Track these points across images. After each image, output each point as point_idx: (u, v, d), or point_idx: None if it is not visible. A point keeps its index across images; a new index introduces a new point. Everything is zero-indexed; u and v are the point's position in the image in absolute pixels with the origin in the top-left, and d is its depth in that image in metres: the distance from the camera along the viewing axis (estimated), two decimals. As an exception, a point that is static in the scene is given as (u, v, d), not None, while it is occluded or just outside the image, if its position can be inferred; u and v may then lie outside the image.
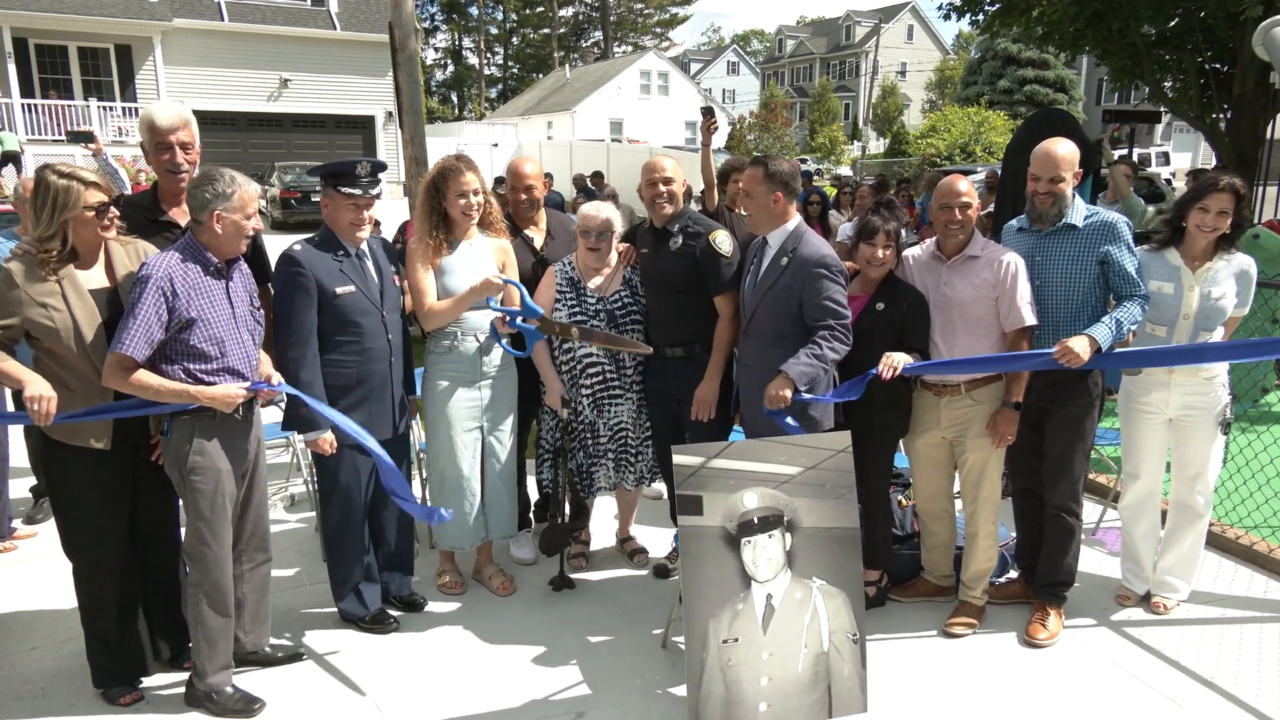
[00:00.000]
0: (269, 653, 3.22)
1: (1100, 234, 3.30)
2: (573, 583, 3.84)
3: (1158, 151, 24.78)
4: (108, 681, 3.00)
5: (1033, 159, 3.36)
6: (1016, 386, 3.31)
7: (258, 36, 22.34)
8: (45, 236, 2.69)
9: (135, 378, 2.68)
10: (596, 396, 3.75)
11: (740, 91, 54.55)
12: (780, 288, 3.24)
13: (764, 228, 3.33)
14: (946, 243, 3.38)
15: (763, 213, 3.30)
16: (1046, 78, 34.48)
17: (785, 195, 3.26)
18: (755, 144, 33.20)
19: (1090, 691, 3.11)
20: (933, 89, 49.97)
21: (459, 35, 59.14)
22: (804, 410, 3.21)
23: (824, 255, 3.21)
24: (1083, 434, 3.38)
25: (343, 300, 3.18)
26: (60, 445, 2.80)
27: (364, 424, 3.15)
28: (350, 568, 3.43)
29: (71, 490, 2.86)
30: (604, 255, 3.69)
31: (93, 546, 2.90)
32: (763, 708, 2.80)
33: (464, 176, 3.45)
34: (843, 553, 2.95)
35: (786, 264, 3.23)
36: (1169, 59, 11.22)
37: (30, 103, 19.56)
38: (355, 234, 3.24)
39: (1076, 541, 3.49)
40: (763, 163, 3.29)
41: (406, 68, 6.48)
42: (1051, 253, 3.36)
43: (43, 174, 2.71)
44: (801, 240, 3.26)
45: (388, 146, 23.73)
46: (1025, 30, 11.99)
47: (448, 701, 3.05)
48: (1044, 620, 3.44)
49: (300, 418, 3.16)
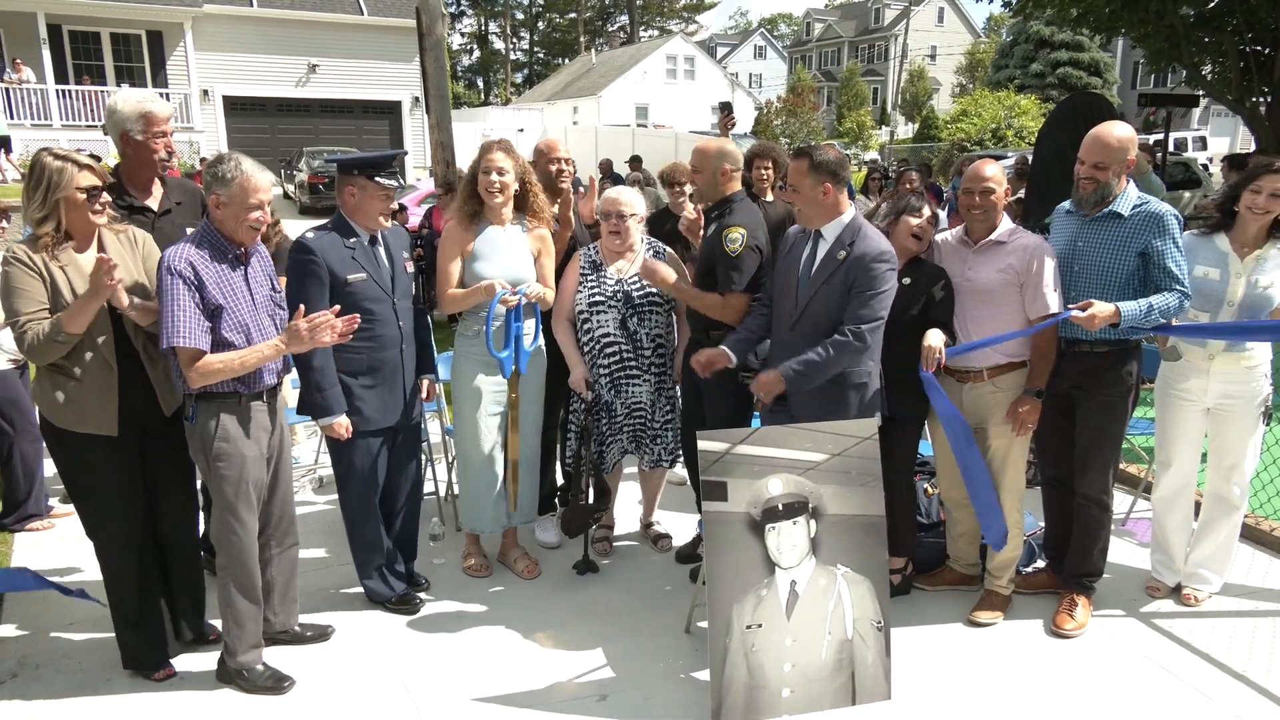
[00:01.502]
0: (298, 631, 3.28)
1: (1145, 225, 3.19)
2: (596, 566, 3.86)
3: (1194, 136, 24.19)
4: (136, 661, 3.06)
5: (1083, 142, 3.26)
6: (1039, 374, 3.26)
7: (286, 22, 22.48)
8: (40, 218, 2.73)
9: (206, 364, 2.70)
10: (614, 376, 3.75)
11: (767, 76, 54.00)
12: (837, 282, 3.12)
13: (816, 221, 3.19)
14: (972, 227, 3.34)
15: (812, 206, 3.16)
16: (1080, 60, 33.78)
17: (835, 185, 3.12)
18: (782, 129, 32.91)
19: (1117, 683, 3.08)
20: (963, 73, 49.18)
21: (485, 20, 59.13)
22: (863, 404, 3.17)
23: (884, 249, 3.09)
24: (1114, 424, 3.32)
25: (354, 287, 3.19)
26: (70, 435, 2.83)
27: (377, 410, 3.28)
28: (373, 549, 3.48)
29: (86, 477, 2.90)
30: (625, 238, 3.69)
31: (111, 529, 2.94)
32: (786, 693, 2.80)
33: (491, 154, 3.45)
34: (868, 540, 2.94)
35: (844, 258, 3.11)
36: (1208, 41, 10.97)
37: (64, 88, 19.84)
38: (384, 221, 3.28)
39: (1106, 533, 3.44)
40: (807, 153, 3.15)
41: (433, 53, 6.49)
42: (1093, 239, 3.28)
43: (39, 156, 2.75)
44: (860, 234, 3.12)
45: (414, 132, 23.81)
46: (1059, 12, 11.77)
47: (473, 682, 3.09)
48: (1071, 610, 3.41)
49: (314, 403, 3.20)
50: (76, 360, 2.78)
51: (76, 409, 2.80)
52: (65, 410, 2.80)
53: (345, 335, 2.89)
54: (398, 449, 3.49)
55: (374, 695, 3.01)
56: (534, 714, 2.91)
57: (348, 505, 3.45)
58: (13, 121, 18.43)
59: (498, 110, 35.62)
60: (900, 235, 3.36)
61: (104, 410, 2.82)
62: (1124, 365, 3.28)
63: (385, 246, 3.34)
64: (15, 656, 3.20)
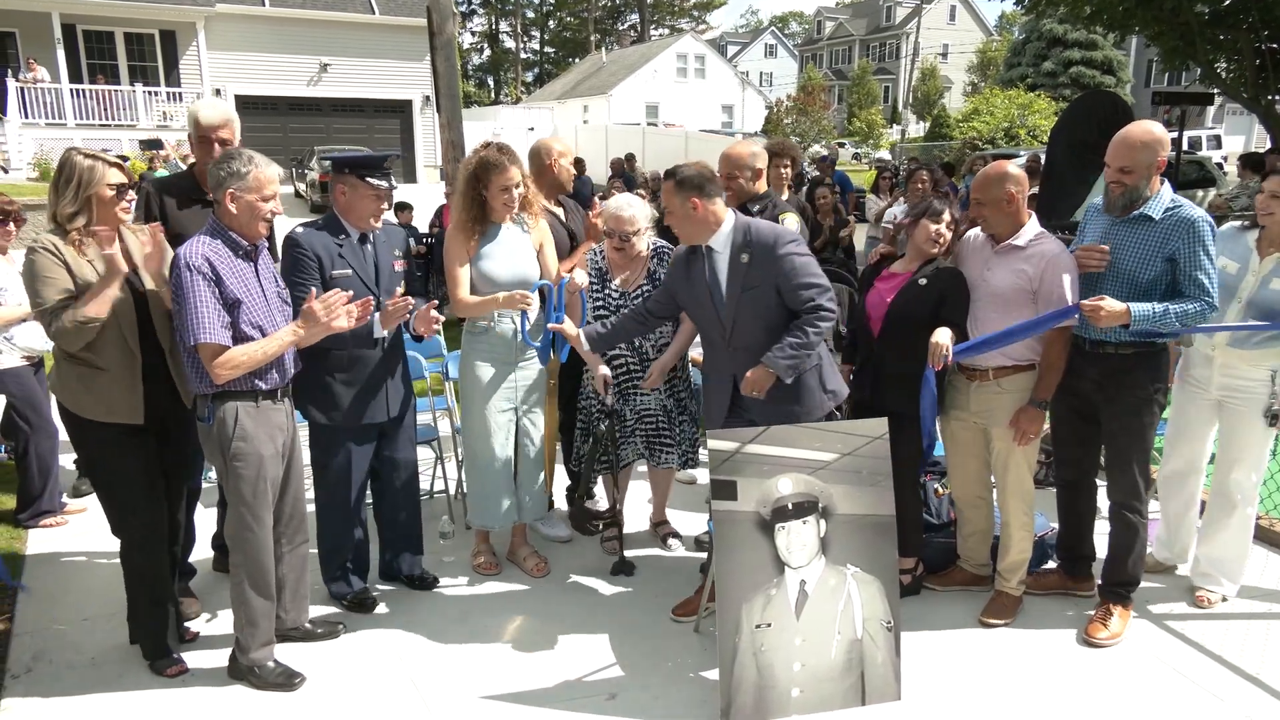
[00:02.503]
0: (309, 629, 3.29)
1: (1176, 230, 3.08)
2: (633, 567, 3.84)
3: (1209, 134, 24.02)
4: (156, 652, 3.09)
5: (1112, 145, 3.17)
6: (1045, 385, 3.23)
7: (298, 21, 22.56)
8: (71, 213, 2.80)
9: (231, 357, 2.73)
10: (622, 386, 3.78)
11: (778, 74, 53.86)
12: (757, 285, 3.11)
13: (699, 236, 3.17)
14: (990, 230, 3.33)
15: (687, 223, 3.14)
16: (1094, 59, 33.58)
17: (702, 198, 3.09)
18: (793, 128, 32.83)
19: (1130, 684, 3.07)
20: (975, 71, 48.95)
21: (495, 19, 59.25)
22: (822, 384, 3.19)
23: (779, 232, 3.13)
24: (1140, 428, 3.24)
25: (337, 282, 3.17)
26: (94, 425, 2.87)
27: (356, 408, 3.30)
28: (337, 546, 3.48)
29: (111, 468, 2.94)
30: (628, 252, 3.68)
31: (142, 518, 2.99)
32: (795, 693, 2.80)
33: (509, 172, 3.45)
34: (878, 540, 2.93)
35: (749, 260, 3.11)
36: (1223, 39, 10.90)
37: (78, 88, 19.97)
38: (374, 222, 3.30)
39: (1142, 540, 3.35)
40: (671, 174, 3.16)
41: (444, 52, 6.52)
42: (1121, 240, 3.19)
43: (68, 155, 2.85)
44: (749, 231, 3.12)
45: (425, 131, 23.88)
46: (1073, 9, 11.73)
47: (482, 679, 3.09)
48: (1105, 620, 3.33)
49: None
50: (101, 351, 2.82)
51: (104, 400, 2.85)
52: (92, 401, 2.85)
53: (362, 318, 2.93)
54: (386, 447, 3.49)
55: (383, 692, 3.03)
56: (543, 712, 2.92)
57: (318, 498, 3.45)
58: (27, 120, 18.59)
59: (508, 109, 35.69)
60: (919, 238, 3.37)
61: (130, 400, 2.86)
62: (1150, 367, 3.21)
63: (373, 245, 3.35)
64: (30, 651, 3.23)
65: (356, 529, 3.49)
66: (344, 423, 3.31)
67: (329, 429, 3.32)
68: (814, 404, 3.19)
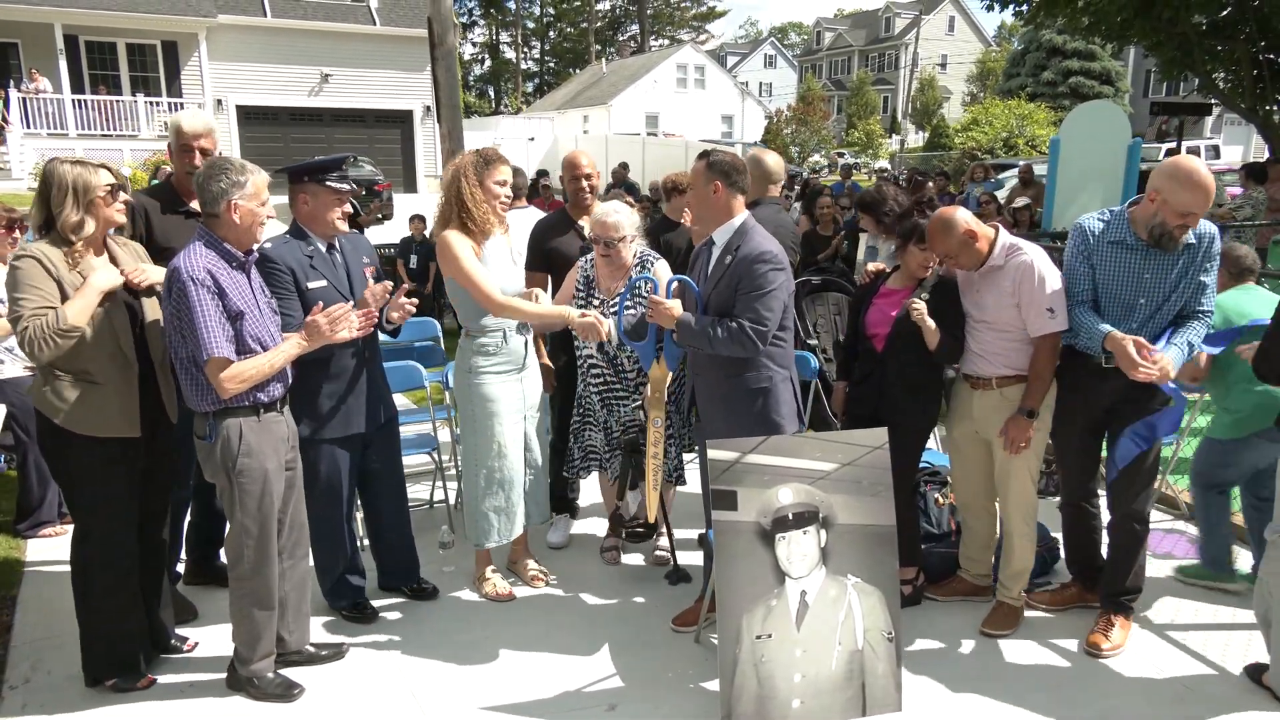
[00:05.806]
0: (312, 652, 3.22)
1: (1207, 249, 3.08)
2: (689, 575, 3.81)
3: (1207, 145, 24.06)
4: (110, 671, 2.99)
5: (1192, 192, 2.93)
6: (1033, 394, 3.23)
7: (299, 32, 22.64)
8: (77, 222, 2.75)
9: (240, 371, 2.70)
10: (603, 396, 3.79)
11: (777, 85, 54.09)
12: (723, 285, 3.12)
13: (710, 224, 3.19)
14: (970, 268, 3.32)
15: (704, 205, 3.16)
16: (1092, 69, 33.73)
17: (726, 185, 3.11)
18: (792, 138, 32.94)
19: (1129, 695, 3.06)
20: (974, 81, 49.15)
21: (496, 30, 59.47)
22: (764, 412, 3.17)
23: (764, 250, 3.07)
24: (1158, 440, 3.26)
25: (314, 294, 3.12)
26: (85, 441, 2.79)
27: (341, 418, 3.28)
28: (333, 557, 3.46)
29: (98, 483, 2.85)
30: (614, 259, 3.65)
31: (118, 534, 2.91)
32: (795, 704, 2.79)
33: (501, 166, 3.43)
34: (879, 550, 2.92)
35: (730, 261, 3.11)
36: (1220, 49, 10.95)
37: (80, 98, 20.04)
38: (339, 225, 3.24)
39: (1144, 551, 3.36)
40: (705, 154, 3.21)
41: (444, 62, 6.54)
42: (1160, 270, 3.09)
43: (53, 165, 2.77)
44: (745, 235, 3.13)
45: (425, 141, 23.93)
46: (1071, 20, 11.78)
47: (481, 690, 3.08)
48: (1108, 631, 3.32)
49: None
50: (98, 364, 2.78)
51: (98, 413, 2.79)
52: (87, 415, 2.78)
53: (365, 329, 2.91)
54: (371, 456, 3.48)
55: (383, 703, 3.01)
56: (543, 723, 2.91)
57: (311, 511, 3.35)
58: (29, 131, 18.65)
59: (509, 119, 35.76)
60: (910, 264, 3.44)
61: (127, 412, 2.83)
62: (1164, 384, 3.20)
63: (342, 254, 3.32)
64: (29, 661, 3.22)
65: (349, 539, 3.48)
66: (328, 434, 3.28)
67: (313, 441, 3.27)
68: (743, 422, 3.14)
